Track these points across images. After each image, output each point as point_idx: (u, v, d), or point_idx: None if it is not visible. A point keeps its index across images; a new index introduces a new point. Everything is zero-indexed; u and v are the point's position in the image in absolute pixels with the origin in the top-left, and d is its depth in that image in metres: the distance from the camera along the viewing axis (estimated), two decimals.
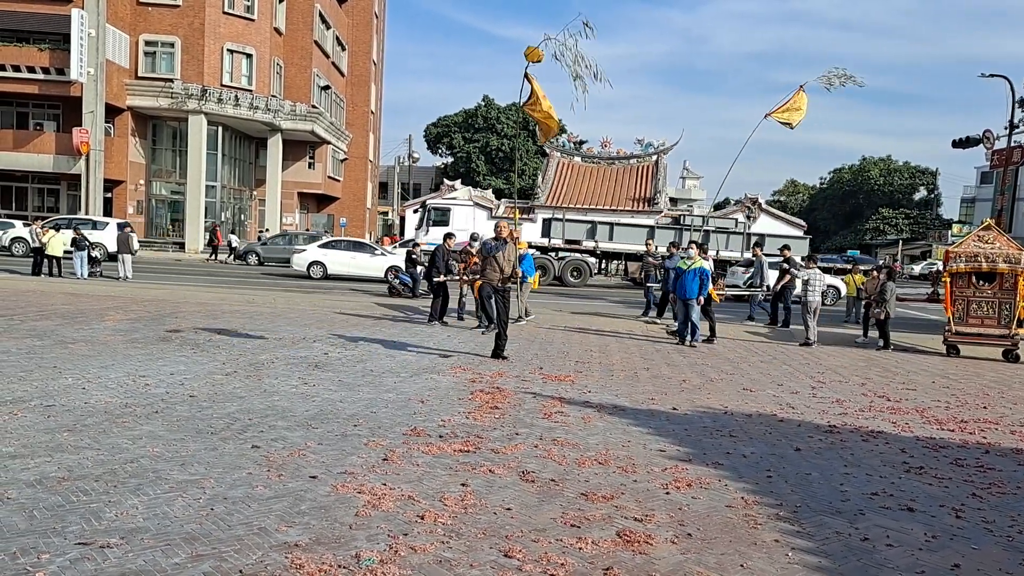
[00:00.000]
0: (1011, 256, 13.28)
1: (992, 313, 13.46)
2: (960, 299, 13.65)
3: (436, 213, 31.10)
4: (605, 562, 3.97)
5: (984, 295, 13.49)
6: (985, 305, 13.48)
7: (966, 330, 13.58)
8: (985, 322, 13.50)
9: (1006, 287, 13.38)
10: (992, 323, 13.47)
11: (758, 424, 7.40)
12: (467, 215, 30.67)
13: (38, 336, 10.05)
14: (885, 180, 74.67)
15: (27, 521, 4.08)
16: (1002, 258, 13.28)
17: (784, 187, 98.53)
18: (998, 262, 13.26)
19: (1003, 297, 13.39)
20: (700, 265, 12.80)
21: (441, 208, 31.49)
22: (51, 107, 36.20)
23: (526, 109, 11.10)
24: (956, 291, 13.65)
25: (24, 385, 7.21)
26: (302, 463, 5.35)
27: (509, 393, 8.10)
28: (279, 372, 8.61)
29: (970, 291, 13.60)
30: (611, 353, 11.65)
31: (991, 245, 13.47)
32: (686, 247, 14.01)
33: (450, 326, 13.88)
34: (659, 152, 44.21)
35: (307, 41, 43.97)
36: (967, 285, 13.62)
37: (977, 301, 13.53)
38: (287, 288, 20.61)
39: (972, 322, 13.57)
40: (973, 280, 13.59)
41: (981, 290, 13.53)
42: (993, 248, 13.42)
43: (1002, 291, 13.40)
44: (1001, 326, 13.39)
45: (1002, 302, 13.40)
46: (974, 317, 13.56)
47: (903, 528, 4.71)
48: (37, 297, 14.61)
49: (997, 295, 13.42)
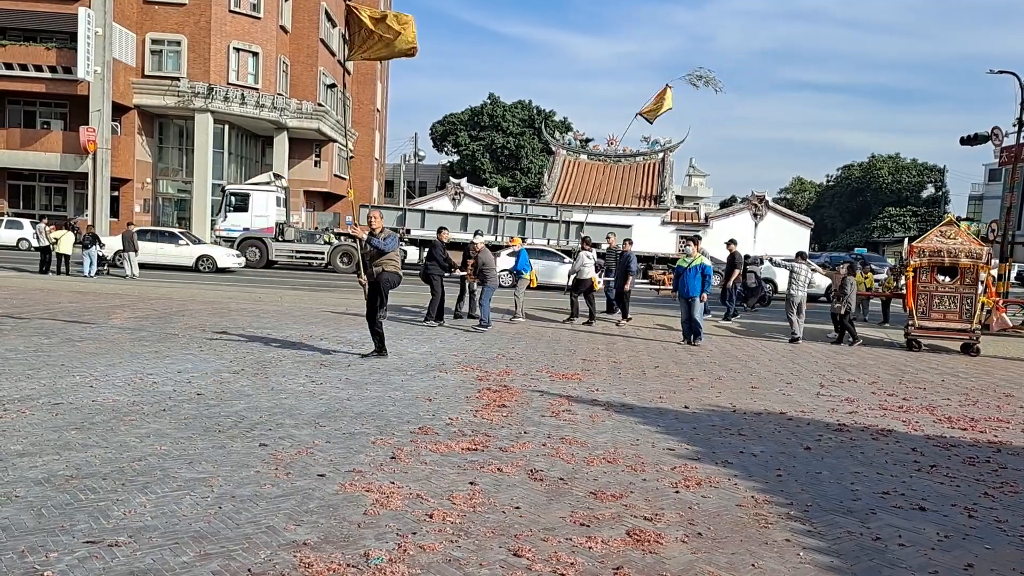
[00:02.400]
0: (973, 251, 13.51)
1: (954, 308, 13.70)
2: (923, 294, 13.86)
3: (236, 199, 29.36)
4: (615, 561, 3.95)
5: (946, 290, 13.75)
6: (947, 300, 13.73)
7: (929, 324, 13.79)
8: (947, 316, 13.74)
9: (967, 282, 13.63)
10: (954, 317, 13.70)
11: (767, 422, 7.36)
12: (267, 201, 29.18)
13: (45, 334, 10.07)
14: (893, 178, 74.49)
15: (35, 519, 4.07)
16: (964, 253, 13.47)
17: (791, 185, 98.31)
18: (960, 257, 13.46)
19: (964, 292, 13.63)
20: (701, 262, 12.68)
21: (240, 194, 29.62)
22: (58, 106, 36.30)
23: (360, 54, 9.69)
24: (919, 286, 13.86)
25: (32, 383, 7.21)
26: (310, 461, 5.33)
27: (517, 391, 8.08)
28: (286, 370, 8.60)
29: (933, 286, 13.84)
30: (618, 351, 11.61)
31: (953, 240, 13.70)
32: (684, 245, 13.90)
33: (447, 325, 13.84)
34: (665, 150, 44.17)
35: (313, 39, 43.99)
36: (930, 280, 13.86)
37: (939, 296, 13.77)
38: (296, 287, 20.62)
39: (935, 316, 13.80)
40: (935, 275, 13.82)
41: (943, 285, 13.78)
42: (955, 243, 13.63)
43: (964, 286, 13.64)
44: (963, 320, 13.63)
45: (964, 297, 13.63)
46: (936, 312, 13.80)
47: (915, 527, 4.67)
48: (44, 295, 14.65)
49: (959, 290, 13.66)
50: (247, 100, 37.59)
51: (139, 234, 22.87)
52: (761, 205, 40.45)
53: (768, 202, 40.87)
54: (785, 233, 39.24)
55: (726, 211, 43.98)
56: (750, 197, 41.36)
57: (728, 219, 41.09)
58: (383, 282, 9.57)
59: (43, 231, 21.61)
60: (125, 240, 21.04)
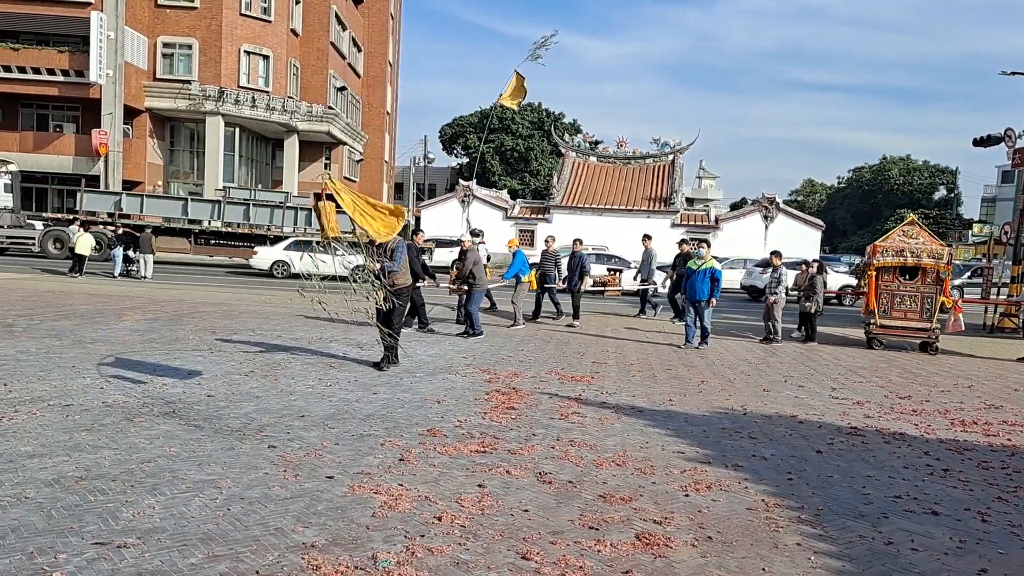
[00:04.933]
0: (935, 252, 13.61)
1: (915, 307, 13.81)
2: (885, 293, 13.95)
3: None
4: (624, 565, 3.92)
5: (907, 290, 13.84)
6: (908, 299, 13.83)
7: (890, 323, 13.91)
8: (908, 315, 13.86)
9: (928, 282, 13.73)
10: (915, 316, 13.82)
11: (778, 425, 7.31)
12: None
13: (57, 336, 10.11)
14: (905, 179, 74.09)
15: (45, 520, 4.08)
16: (926, 253, 13.59)
17: (802, 186, 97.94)
18: (923, 257, 13.57)
19: (925, 291, 13.74)
20: (711, 266, 12.57)
21: None
22: (71, 109, 36.49)
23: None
24: (881, 285, 13.94)
25: (43, 385, 7.24)
26: (319, 463, 5.33)
27: (525, 394, 8.06)
28: (296, 372, 8.61)
29: (894, 285, 13.91)
30: (628, 354, 11.57)
31: (915, 240, 13.81)
32: (697, 247, 13.67)
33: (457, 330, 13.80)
34: (675, 151, 44.03)
35: (323, 42, 44.09)
36: (892, 279, 13.92)
37: (900, 295, 13.87)
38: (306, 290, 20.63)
39: (896, 315, 13.91)
40: (897, 274, 13.88)
41: (904, 284, 13.86)
42: (917, 243, 13.74)
43: (924, 285, 13.74)
44: (923, 319, 13.74)
45: (924, 296, 13.74)
46: (897, 311, 13.90)
47: (928, 532, 4.63)
48: (57, 298, 14.71)
49: (920, 289, 13.76)
50: (257, 103, 37.72)
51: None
52: (771, 207, 40.25)
53: (779, 204, 40.67)
54: (796, 235, 39.02)
55: (736, 213, 43.78)
56: (760, 199, 41.17)
57: (738, 221, 40.92)
58: (399, 293, 9.30)
59: (75, 233, 21.86)
60: (142, 242, 21.20)
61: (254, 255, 24.74)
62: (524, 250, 15.34)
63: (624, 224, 37.32)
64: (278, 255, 24.27)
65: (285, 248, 24.45)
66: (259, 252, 24.69)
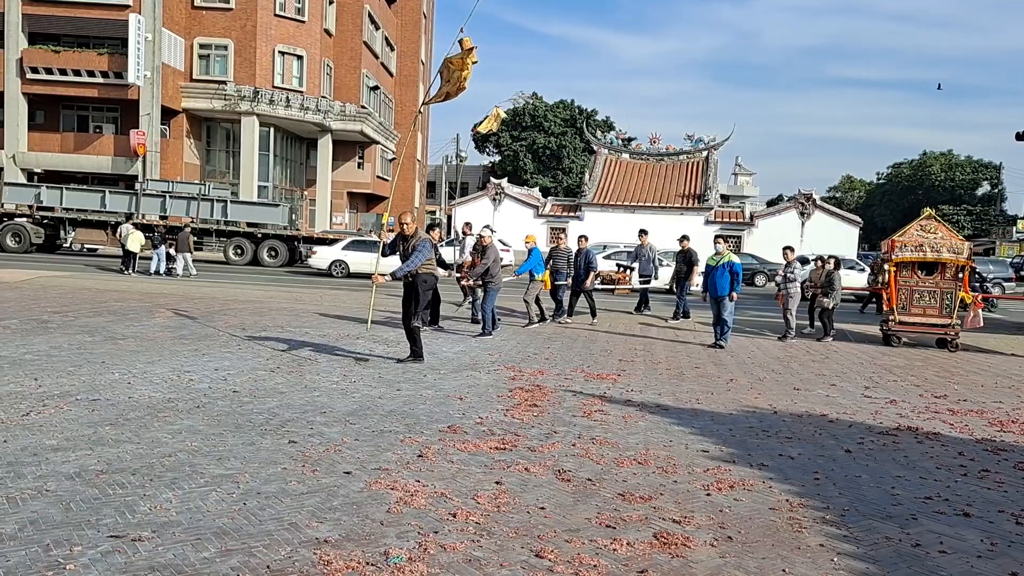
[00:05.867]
0: (955, 246, 13.36)
1: (934, 303, 13.54)
2: (904, 289, 13.66)
3: None
4: (640, 564, 3.85)
5: (926, 285, 13.58)
6: (927, 295, 13.58)
7: (909, 320, 13.64)
8: (927, 312, 13.60)
9: (947, 277, 13.47)
10: (934, 313, 13.55)
11: (807, 425, 7.16)
12: None
13: (89, 332, 10.27)
14: (946, 175, 72.57)
15: (63, 513, 4.12)
16: (946, 248, 13.34)
17: (840, 183, 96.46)
18: (943, 252, 13.34)
19: (945, 287, 13.48)
20: (729, 259, 12.37)
21: None
22: (110, 110, 37.18)
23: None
24: (900, 281, 13.66)
25: (72, 379, 7.34)
26: (337, 459, 5.32)
27: (549, 391, 7.99)
28: (321, 368, 8.64)
29: (913, 281, 13.64)
30: (657, 352, 11.45)
31: (934, 235, 13.54)
32: (715, 242, 13.41)
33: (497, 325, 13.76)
34: (709, 148, 43.61)
35: (356, 42, 44.39)
36: (911, 275, 13.65)
37: (920, 291, 13.61)
38: (335, 287, 20.80)
39: (915, 311, 13.65)
40: (915, 270, 13.62)
41: (923, 280, 13.60)
42: (936, 238, 13.47)
43: (944, 281, 13.48)
44: (943, 315, 13.49)
45: (944, 292, 13.49)
46: (916, 307, 13.64)
47: (958, 534, 4.48)
48: (92, 295, 14.97)
49: (939, 285, 13.50)
50: (292, 103, 38.09)
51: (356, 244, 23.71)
52: (808, 204, 39.70)
53: (816, 201, 40.09)
54: (833, 232, 38.46)
55: (772, 210, 43.26)
56: (797, 196, 40.62)
57: (774, 218, 40.43)
58: (419, 284, 9.31)
59: (127, 231, 22.46)
60: (181, 241, 21.65)
61: (313, 254, 25.06)
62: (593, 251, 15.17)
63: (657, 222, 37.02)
64: (336, 255, 24.53)
65: (343, 248, 24.72)
66: (318, 252, 25.04)
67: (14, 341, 9.26)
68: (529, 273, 13.85)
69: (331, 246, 25.39)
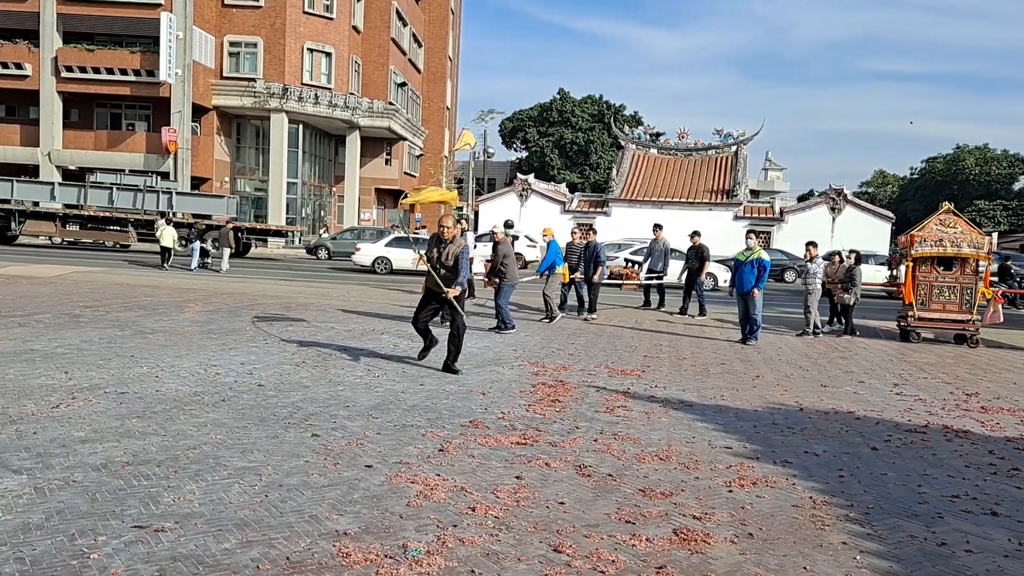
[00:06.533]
0: (975, 241, 13.13)
1: (954, 298, 13.32)
2: (923, 284, 13.44)
3: None
4: (659, 560, 3.83)
5: (946, 280, 13.34)
6: (947, 290, 13.35)
7: (928, 315, 13.43)
8: (947, 307, 13.38)
9: (967, 272, 13.23)
10: (954, 308, 13.33)
11: (833, 422, 7.08)
12: None
13: (119, 326, 10.43)
14: (981, 169, 71.14)
15: (89, 504, 4.19)
16: (967, 242, 13.11)
17: (873, 178, 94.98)
18: (963, 246, 13.11)
19: (965, 282, 13.24)
20: (759, 256, 12.22)
21: None
22: (142, 108, 37.76)
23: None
24: (919, 276, 13.43)
25: (101, 373, 7.46)
26: (359, 452, 5.35)
27: (572, 386, 7.98)
28: (345, 362, 8.70)
29: (932, 276, 13.41)
30: (682, 348, 11.38)
31: (953, 229, 13.29)
32: (745, 237, 13.28)
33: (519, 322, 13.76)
34: (739, 143, 43.21)
35: (384, 39, 44.60)
36: (930, 270, 13.43)
37: (939, 286, 13.38)
38: (361, 282, 20.92)
39: (934, 307, 13.42)
40: (934, 265, 13.41)
41: (943, 275, 13.37)
42: (956, 232, 13.23)
43: (964, 276, 13.25)
44: (962, 311, 13.28)
45: (964, 287, 13.26)
46: (936, 302, 13.41)
47: (985, 534, 4.40)
48: (124, 290, 15.20)
49: (959, 280, 13.27)
50: (320, 100, 38.36)
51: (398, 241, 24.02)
52: (839, 199, 39.17)
53: (847, 196, 39.55)
54: (864, 228, 37.91)
55: (802, 205, 42.74)
56: (828, 191, 40.11)
57: (804, 213, 39.95)
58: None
59: (161, 227, 23.19)
60: (222, 237, 22.14)
61: (357, 251, 25.32)
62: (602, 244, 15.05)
63: (685, 217, 36.75)
64: (380, 251, 24.69)
65: (386, 245, 24.88)
66: (361, 248, 25.25)
67: (46, 335, 9.43)
68: (548, 266, 13.64)
69: (375, 243, 25.63)
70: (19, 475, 4.56)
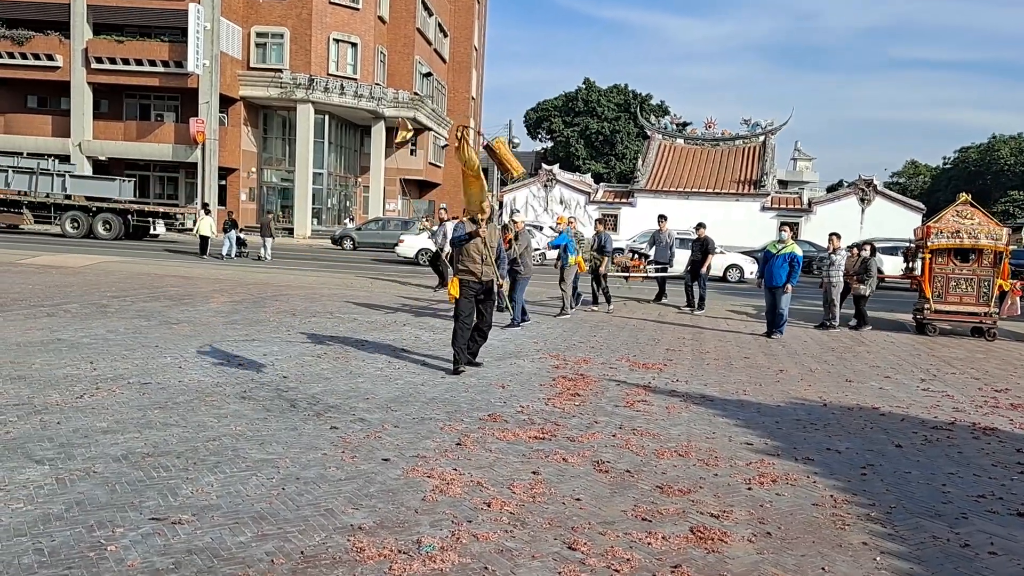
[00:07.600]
0: (993, 232, 12.89)
1: (971, 291, 13.13)
2: (940, 276, 13.23)
3: None
4: (674, 559, 3.79)
5: (963, 273, 13.14)
6: (964, 283, 13.16)
7: (945, 308, 13.23)
8: (964, 300, 13.19)
9: (985, 264, 13.01)
10: (971, 301, 13.15)
11: (857, 418, 6.98)
12: None
13: (145, 317, 10.54)
14: (1016, 159, 69.71)
15: (108, 495, 4.23)
16: (984, 234, 12.88)
17: (904, 168, 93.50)
18: (980, 238, 12.90)
19: (982, 274, 13.05)
20: (791, 250, 12.03)
21: None
22: (170, 99, 38.09)
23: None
24: (936, 268, 13.21)
25: (125, 363, 7.55)
26: (377, 445, 5.36)
27: (592, 380, 7.94)
28: (366, 354, 8.72)
29: (949, 268, 13.19)
30: (705, 342, 11.28)
31: (971, 220, 13.08)
32: (779, 230, 13.07)
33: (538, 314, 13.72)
34: (767, 132, 42.64)
35: (410, 29, 44.55)
36: (947, 262, 13.21)
37: (956, 279, 13.18)
38: (386, 273, 20.99)
39: (951, 300, 13.23)
40: (952, 257, 13.19)
41: (960, 267, 13.16)
42: (973, 223, 13.00)
43: (981, 268, 13.05)
44: (980, 304, 13.09)
45: (981, 279, 13.06)
46: (953, 295, 13.21)
47: (1011, 535, 4.31)
48: (151, 280, 15.38)
49: (976, 272, 13.08)
50: (346, 90, 38.44)
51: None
52: (869, 190, 38.54)
53: (876, 186, 38.90)
54: (895, 219, 37.23)
55: (830, 196, 42.14)
56: (857, 181, 39.50)
57: (833, 204, 39.37)
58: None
59: (200, 216, 24.00)
60: (264, 226, 23.34)
61: (400, 243, 25.54)
62: (609, 234, 14.93)
63: (712, 207, 36.41)
64: (423, 243, 24.75)
65: (430, 237, 24.92)
66: (405, 240, 25.48)
67: (73, 325, 9.56)
68: (561, 259, 13.22)
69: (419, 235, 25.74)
70: (41, 465, 4.63)
